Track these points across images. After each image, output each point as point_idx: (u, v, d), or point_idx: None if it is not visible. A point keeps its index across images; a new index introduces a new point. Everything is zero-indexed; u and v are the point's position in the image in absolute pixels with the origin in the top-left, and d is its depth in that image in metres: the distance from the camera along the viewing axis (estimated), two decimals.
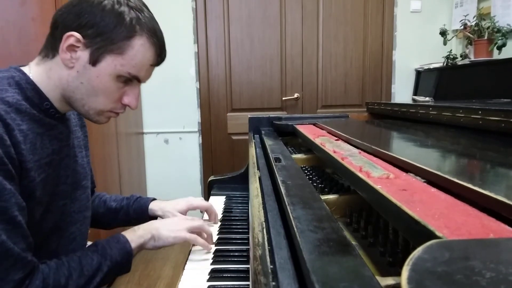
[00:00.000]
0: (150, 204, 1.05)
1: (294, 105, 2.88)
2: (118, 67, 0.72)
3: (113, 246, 0.79)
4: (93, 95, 0.74)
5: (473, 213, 0.37)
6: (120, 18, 0.71)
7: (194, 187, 2.91)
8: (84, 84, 0.73)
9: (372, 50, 2.85)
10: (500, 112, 0.85)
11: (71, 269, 0.71)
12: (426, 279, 0.22)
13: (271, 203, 0.63)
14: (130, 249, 0.81)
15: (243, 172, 1.48)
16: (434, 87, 2.57)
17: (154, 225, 0.88)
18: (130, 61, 0.73)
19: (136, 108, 0.81)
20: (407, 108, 1.38)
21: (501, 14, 2.21)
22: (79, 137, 0.91)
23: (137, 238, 0.84)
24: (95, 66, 0.72)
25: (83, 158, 0.91)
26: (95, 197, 1.08)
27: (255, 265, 0.46)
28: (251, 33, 2.79)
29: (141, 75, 0.76)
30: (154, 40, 0.75)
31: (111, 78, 0.73)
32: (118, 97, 0.77)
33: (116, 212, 1.05)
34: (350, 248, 0.37)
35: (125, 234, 0.84)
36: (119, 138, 2.31)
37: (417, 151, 0.76)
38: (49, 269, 0.69)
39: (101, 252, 0.77)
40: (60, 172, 0.79)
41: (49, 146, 0.74)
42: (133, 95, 0.78)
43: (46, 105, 0.74)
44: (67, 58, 0.71)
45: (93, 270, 0.74)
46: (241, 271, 0.81)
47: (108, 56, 0.71)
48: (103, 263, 0.76)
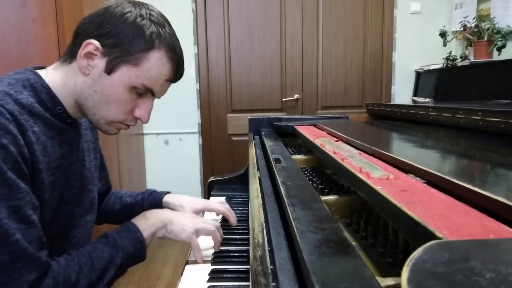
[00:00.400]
0: (165, 197, 1.04)
1: (294, 106, 2.88)
2: (133, 78, 0.72)
3: (124, 237, 0.77)
4: (105, 104, 0.74)
5: (473, 214, 0.37)
6: (140, 31, 0.71)
7: (194, 188, 2.91)
8: (98, 92, 0.73)
9: (372, 51, 2.86)
10: (500, 113, 0.85)
11: (81, 263, 0.70)
12: (426, 279, 0.22)
13: (271, 204, 0.63)
14: (142, 238, 0.79)
15: (243, 173, 1.48)
16: (434, 88, 2.58)
17: (169, 216, 0.86)
18: (145, 73, 0.73)
19: (147, 122, 0.80)
20: (407, 109, 1.38)
21: (500, 16, 2.21)
22: (89, 141, 0.91)
23: (149, 227, 0.82)
24: (110, 75, 0.72)
25: (91, 162, 0.90)
26: (110, 194, 1.08)
27: (255, 265, 0.46)
28: (251, 34, 2.79)
29: (156, 89, 0.76)
30: (172, 56, 0.75)
31: (125, 89, 0.73)
32: (130, 109, 0.77)
33: (131, 207, 1.04)
34: (350, 249, 0.37)
35: (136, 222, 0.82)
36: (119, 139, 2.31)
37: (417, 152, 0.76)
38: (59, 266, 0.68)
39: (112, 244, 0.75)
40: (69, 176, 0.79)
41: (58, 150, 0.74)
42: (146, 108, 0.78)
43: (59, 110, 0.75)
44: (84, 65, 0.72)
45: (104, 263, 0.72)
46: (241, 272, 0.81)
47: (124, 66, 0.72)
48: (115, 255, 0.74)
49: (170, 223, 0.85)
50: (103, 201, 1.07)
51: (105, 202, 1.07)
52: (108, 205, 1.06)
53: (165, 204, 1.03)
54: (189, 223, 0.86)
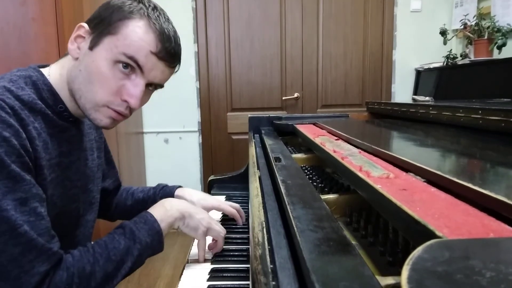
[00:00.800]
0: (177, 190, 1.04)
1: (294, 105, 2.88)
2: (113, 49, 0.69)
3: (140, 228, 0.75)
4: (89, 82, 0.71)
5: (473, 213, 0.37)
6: (124, 6, 0.71)
7: (194, 186, 2.91)
8: (82, 71, 0.71)
9: (372, 50, 2.85)
10: (500, 112, 0.85)
11: (96, 254, 0.68)
12: (426, 278, 0.22)
13: (271, 203, 0.63)
14: (159, 228, 0.77)
15: (243, 172, 1.48)
16: (434, 87, 2.57)
17: (188, 209, 0.84)
18: (123, 40, 0.69)
19: (135, 107, 0.74)
20: (407, 107, 1.38)
21: (501, 14, 2.21)
22: (92, 139, 0.90)
23: (168, 217, 0.80)
24: (92, 50, 0.71)
25: (93, 161, 0.90)
26: (122, 191, 1.09)
27: (255, 264, 0.46)
28: (251, 33, 2.78)
29: (140, 59, 0.70)
30: (155, 27, 0.71)
31: (107, 63, 0.70)
32: (115, 88, 0.71)
33: (144, 202, 1.04)
34: (350, 248, 0.37)
35: (153, 212, 0.79)
36: (119, 137, 2.31)
37: (417, 151, 0.76)
38: (72, 258, 0.67)
39: (128, 236, 0.73)
40: (71, 175, 0.79)
41: (57, 148, 0.74)
42: (134, 90, 0.72)
43: (60, 108, 0.74)
44: (74, 48, 0.73)
45: (121, 254, 0.70)
46: (241, 271, 0.81)
47: (105, 39, 0.70)
48: (132, 246, 0.72)
49: (188, 217, 0.83)
50: (114, 198, 1.07)
51: (117, 198, 1.07)
52: (120, 201, 1.07)
53: (177, 197, 1.02)
54: (204, 220, 0.85)
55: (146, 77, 0.72)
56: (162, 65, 0.74)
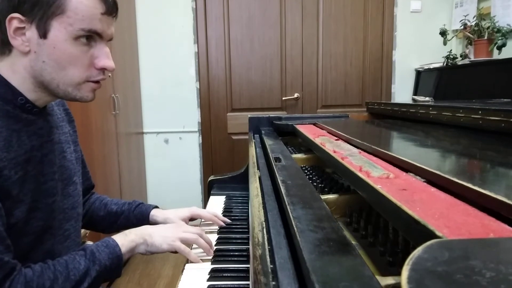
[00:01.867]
0: (152, 211, 1.03)
1: (294, 105, 2.88)
2: (69, 28, 0.68)
3: (102, 251, 0.77)
4: (60, 69, 0.70)
5: (473, 213, 0.37)
6: None
7: (194, 186, 2.91)
8: (46, 61, 0.69)
9: (372, 50, 2.85)
10: (500, 112, 0.85)
11: (57, 272, 0.69)
12: (426, 278, 0.22)
13: (271, 203, 0.63)
14: (120, 253, 0.79)
15: (243, 172, 1.48)
16: (434, 87, 2.58)
17: (147, 231, 0.86)
18: (75, 16, 0.67)
19: (113, 68, 0.74)
20: (407, 108, 1.38)
21: (501, 14, 2.21)
22: (66, 133, 0.88)
23: (128, 243, 0.82)
24: (46, 38, 0.68)
25: (72, 154, 0.88)
26: (95, 199, 1.06)
27: (255, 264, 0.46)
28: (251, 33, 2.79)
29: (97, 27, 0.70)
30: None
31: (68, 43, 0.68)
32: (87, 62, 0.72)
33: (116, 216, 1.03)
34: (350, 248, 0.37)
35: (115, 238, 0.81)
36: (119, 137, 2.31)
37: (417, 151, 0.76)
38: (33, 273, 0.67)
39: (89, 257, 0.75)
40: (44, 168, 0.77)
41: (28, 143, 0.72)
42: (104, 54, 0.72)
43: (21, 100, 0.72)
44: (20, 44, 0.68)
45: (80, 274, 0.71)
46: (241, 271, 0.81)
47: (54, 22, 0.68)
48: (91, 267, 0.73)
49: (149, 238, 0.85)
50: (86, 202, 1.04)
51: (89, 206, 1.04)
52: (92, 209, 1.04)
53: (152, 217, 1.02)
54: (169, 234, 0.87)
55: (105, 37, 0.74)
56: (110, 19, 0.74)
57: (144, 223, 1.00)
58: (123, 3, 2.39)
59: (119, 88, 2.31)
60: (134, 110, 2.67)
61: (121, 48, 2.39)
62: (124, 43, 2.46)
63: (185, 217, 1.03)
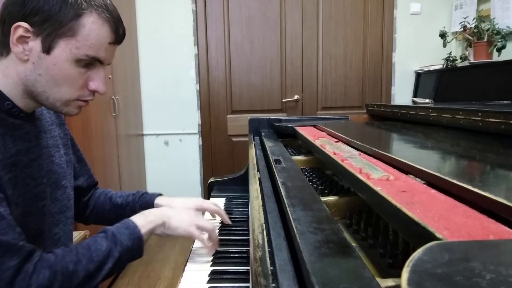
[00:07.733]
0: (156, 199, 1.03)
1: (294, 107, 2.88)
2: (74, 50, 0.69)
3: (122, 232, 0.77)
4: (55, 85, 0.70)
5: (473, 215, 0.37)
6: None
7: (194, 188, 2.91)
8: (43, 75, 0.70)
9: (372, 52, 2.86)
10: (499, 114, 0.85)
11: (79, 255, 0.70)
12: (426, 280, 0.22)
13: (271, 205, 0.63)
14: (140, 234, 0.79)
15: (243, 174, 1.48)
16: (434, 89, 2.58)
17: (166, 213, 0.87)
18: (84, 42, 0.69)
19: (105, 93, 0.76)
20: (407, 110, 1.38)
21: (500, 16, 2.21)
22: (56, 136, 0.88)
23: (148, 224, 0.82)
24: (49, 54, 0.68)
25: (61, 158, 0.88)
26: (99, 193, 1.06)
27: (255, 266, 0.46)
28: (251, 35, 2.79)
29: (101, 55, 0.72)
30: (106, 15, 0.70)
31: (69, 64, 0.69)
32: (82, 83, 0.73)
33: (122, 208, 1.03)
34: (350, 250, 0.37)
35: (134, 219, 0.82)
36: (119, 139, 2.31)
37: (417, 153, 0.76)
38: (56, 257, 0.68)
39: (110, 238, 0.75)
40: (33, 173, 0.77)
41: (12, 147, 0.71)
42: (99, 79, 0.74)
43: (7, 105, 0.72)
44: (20, 51, 0.68)
45: (103, 255, 0.72)
46: (241, 273, 0.81)
47: (60, 41, 0.68)
48: (114, 248, 0.74)
49: (168, 220, 0.85)
50: (91, 197, 1.05)
51: (95, 201, 1.05)
52: (97, 204, 1.05)
53: (157, 206, 1.02)
54: (187, 219, 0.87)
55: (105, 63, 0.75)
56: (115, 47, 0.76)
57: None
58: (123, 5, 2.40)
59: (119, 90, 2.31)
60: (134, 112, 2.67)
61: (121, 50, 2.39)
62: (124, 45, 2.45)
63: (191, 209, 1.01)
